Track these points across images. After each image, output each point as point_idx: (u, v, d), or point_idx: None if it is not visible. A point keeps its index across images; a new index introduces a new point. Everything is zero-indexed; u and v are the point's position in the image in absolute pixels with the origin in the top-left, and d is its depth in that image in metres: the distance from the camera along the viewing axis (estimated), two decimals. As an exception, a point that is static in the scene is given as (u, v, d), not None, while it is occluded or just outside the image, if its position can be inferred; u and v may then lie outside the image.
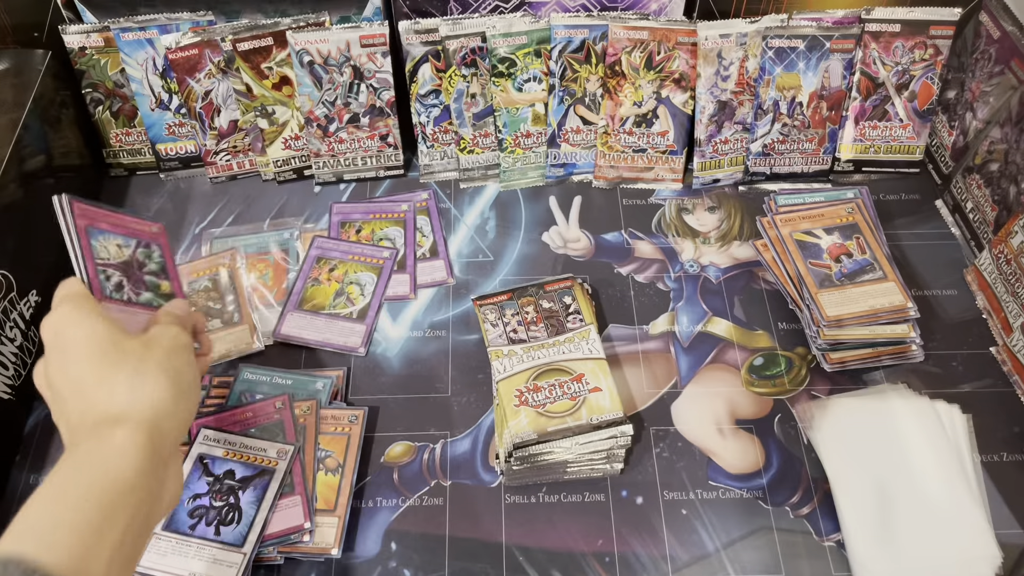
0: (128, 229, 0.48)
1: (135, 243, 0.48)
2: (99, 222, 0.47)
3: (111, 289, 0.46)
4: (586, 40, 0.69)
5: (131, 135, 0.74)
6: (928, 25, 0.70)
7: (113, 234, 0.47)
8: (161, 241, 0.51)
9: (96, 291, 0.44)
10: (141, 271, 0.48)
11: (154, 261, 0.50)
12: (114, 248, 0.47)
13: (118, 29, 0.68)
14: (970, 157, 0.71)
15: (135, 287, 0.47)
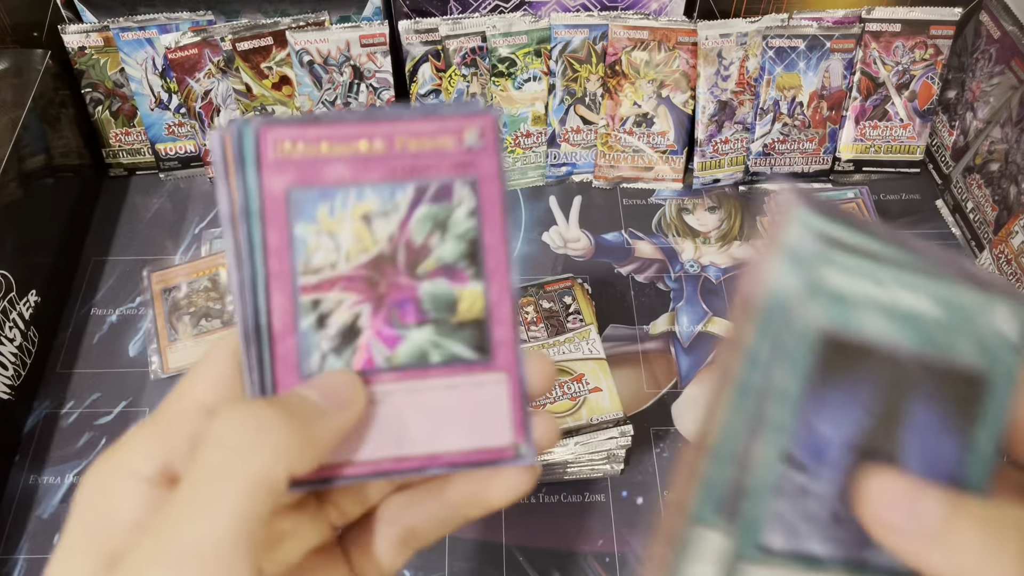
0: (404, 163, 0.23)
1: (413, 197, 0.23)
2: (326, 168, 0.22)
3: (325, 350, 0.23)
4: (586, 40, 0.69)
5: (131, 135, 0.74)
6: (928, 25, 0.70)
7: (359, 187, 0.22)
8: (484, 172, 0.23)
9: (281, 363, 0.22)
10: (408, 275, 0.23)
11: (452, 235, 0.23)
12: (350, 231, 0.23)
13: (117, 29, 0.68)
14: (970, 157, 0.71)
15: (386, 327, 0.23)
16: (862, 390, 0.19)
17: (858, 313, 0.19)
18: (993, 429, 0.20)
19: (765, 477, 0.19)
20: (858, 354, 0.19)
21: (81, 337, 0.64)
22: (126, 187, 0.75)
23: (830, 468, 0.20)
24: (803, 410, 0.19)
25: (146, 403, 0.60)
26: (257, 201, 0.22)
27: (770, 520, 0.19)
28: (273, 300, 0.22)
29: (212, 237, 0.70)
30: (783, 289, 0.19)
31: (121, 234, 0.71)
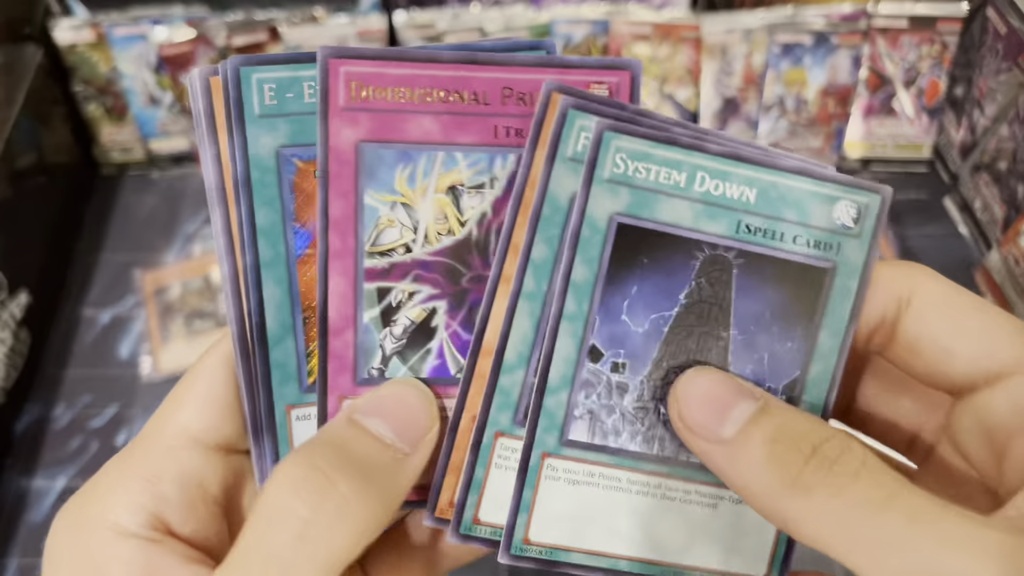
0: (511, 122, 0.19)
1: (515, 164, 0.19)
2: (411, 121, 0.18)
3: (389, 352, 0.19)
4: (587, 35, 0.68)
5: (123, 132, 0.73)
6: (935, 20, 0.69)
7: (449, 150, 0.19)
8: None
9: (336, 362, 0.19)
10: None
11: None
12: (440, 205, 0.19)
13: (110, 24, 0.67)
14: (978, 155, 0.70)
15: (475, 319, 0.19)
16: (671, 281, 0.18)
17: (655, 200, 0.18)
18: (837, 325, 0.19)
19: (565, 372, 0.19)
20: (657, 243, 0.18)
21: (72, 338, 0.63)
22: (118, 186, 0.74)
23: (643, 362, 0.19)
24: (601, 302, 0.18)
25: (138, 405, 0.59)
26: (272, 163, 0.17)
27: (574, 414, 0.19)
28: (331, 284, 0.18)
29: (205, 236, 0.69)
30: (557, 190, 0.18)
31: (113, 233, 0.70)
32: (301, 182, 0.18)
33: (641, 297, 0.19)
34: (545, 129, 0.18)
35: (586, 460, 0.19)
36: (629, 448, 0.19)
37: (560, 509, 0.19)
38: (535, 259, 0.18)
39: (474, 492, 0.19)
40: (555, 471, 0.19)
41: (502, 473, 0.19)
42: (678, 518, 0.20)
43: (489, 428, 0.19)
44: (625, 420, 0.19)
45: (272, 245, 0.18)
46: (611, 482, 0.19)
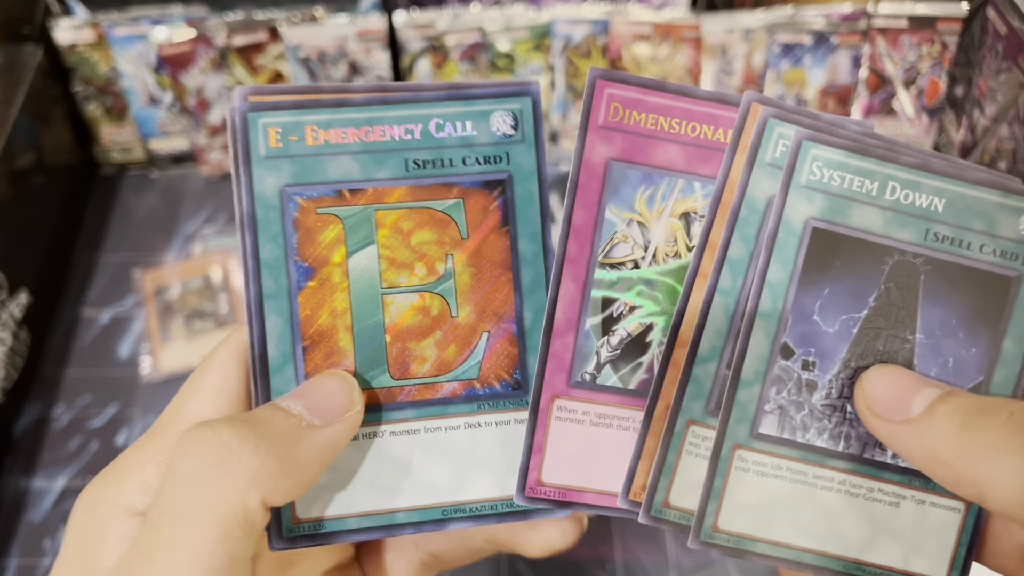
0: None
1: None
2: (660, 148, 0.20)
3: (603, 359, 0.21)
4: (588, 35, 0.68)
5: (122, 132, 0.73)
6: (935, 20, 0.69)
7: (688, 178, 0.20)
8: None
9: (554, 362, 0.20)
10: None
11: None
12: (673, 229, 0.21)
13: (109, 24, 0.67)
14: (978, 155, 0.70)
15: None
16: (862, 285, 0.19)
17: (848, 207, 0.19)
18: (1021, 333, 0.19)
19: (758, 367, 0.19)
20: (849, 247, 0.19)
21: (72, 338, 0.63)
22: (118, 185, 0.74)
23: (832, 361, 0.19)
24: (794, 301, 0.19)
25: (138, 405, 0.59)
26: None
27: (765, 408, 0.20)
28: (562, 288, 0.20)
29: (205, 236, 0.69)
30: (755, 193, 0.19)
31: (113, 233, 0.70)
32: (302, 219, 0.19)
33: (832, 298, 0.20)
34: (745, 136, 0.19)
35: (775, 454, 0.20)
36: (816, 444, 0.20)
37: (748, 499, 0.20)
38: (732, 257, 0.19)
39: (666, 476, 0.20)
40: (745, 462, 0.20)
41: (693, 460, 0.20)
42: (862, 515, 0.20)
43: (682, 416, 0.20)
44: (813, 416, 0.20)
45: (275, 278, 0.20)
46: (798, 476, 0.20)
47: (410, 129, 0.19)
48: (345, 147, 0.19)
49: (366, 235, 0.20)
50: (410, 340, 0.20)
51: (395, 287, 0.20)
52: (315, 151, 0.19)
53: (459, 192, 0.20)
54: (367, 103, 0.19)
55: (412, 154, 0.19)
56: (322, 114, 0.19)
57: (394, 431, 0.20)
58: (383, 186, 0.20)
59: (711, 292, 0.19)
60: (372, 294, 0.20)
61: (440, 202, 0.20)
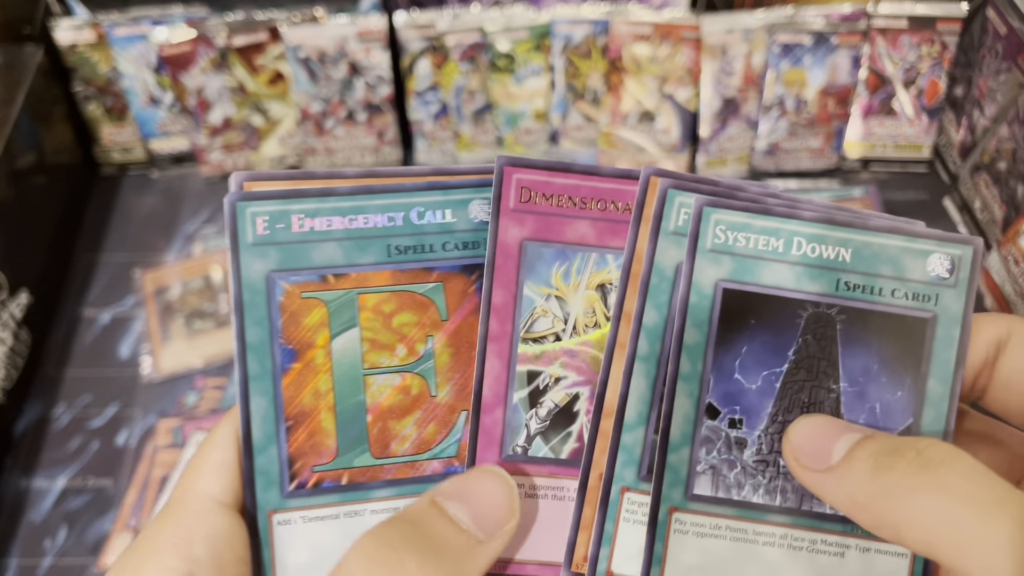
0: None
1: None
2: (570, 225, 0.21)
3: (533, 431, 0.21)
4: (588, 35, 0.68)
5: (123, 132, 0.73)
6: (935, 20, 0.69)
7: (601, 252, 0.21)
8: None
9: (489, 445, 0.21)
10: None
11: None
12: (590, 300, 0.21)
13: (110, 24, 0.67)
14: (978, 155, 0.70)
15: None
16: (779, 339, 0.20)
17: (756, 266, 0.19)
18: (944, 372, 0.20)
19: (685, 429, 0.20)
20: (763, 305, 0.20)
21: (73, 338, 0.63)
22: (118, 185, 0.74)
23: (758, 417, 0.20)
24: (713, 362, 0.20)
25: (138, 405, 0.59)
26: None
27: (697, 469, 0.20)
28: (487, 365, 0.20)
29: (205, 236, 0.69)
30: (663, 261, 0.20)
31: (113, 233, 0.70)
32: (287, 303, 0.20)
33: (751, 356, 0.20)
34: (647, 208, 0.20)
35: (712, 513, 0.20)
36: (753, 500, 0.20)
37: (691, 561, 0.20)
38: (647, 324, 0.20)
39: (606, 545, 0.20)
40: (683, 524, 0.20)
41: (631, 526, 0.20)
42: (807, 568, 0.20)
43: (616, 484, 0.20)
44: (746, 473, 0.20)
45: (260, 361, 0.20)
46: (738, 534, 0.20)
47: (392, 217, 0.20)
48: (330, 234, 0.20)
49: (349, 318, 0.20)
50: (391, 419, 0.21)
51: (377, 368, 0.21)
52: (301, 238, 0.20)
53: (439, 276, 0.21)
54: (352, 192, 0.20)
55: (394, 240, 0.20)
56: (308, 203, 0.20)
57: (375, 509, 0.21)
58: (366, 271, 0.20)
59: (631, 360, 0.20)
60: (354, 375, 0.20)
61: (420, 285, 0.21)
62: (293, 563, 0.20)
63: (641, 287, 0.20)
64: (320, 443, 0.20)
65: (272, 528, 0.20)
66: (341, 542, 0.20)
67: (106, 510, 0.54)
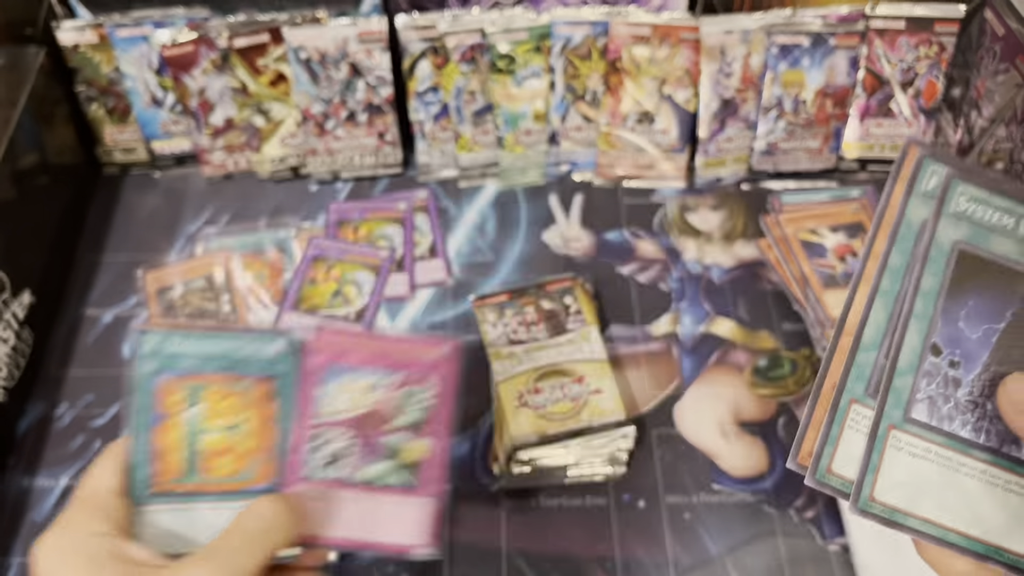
0: (397, 360, 0.34)
1: (398, 381, 0.34)
2: (349, 355, 0.34)
3: (317, 464, 0.34)
4: (587, 36, 0.69)
5: (125, 133, 0.73)
6: (933, 22, 0.70)
7: (365, 371, 0.34)
8: (444, 373, 0.35)
9: (291, 468, 0.34)
10: (383, 427, 0.34)
11: (416, 408, 0.35)
12: (355, 395, 0.34)
13: (112, 26, 0.67)
14: (975, 156, 0.70)
15: (362, 456, 0.34)
16: (1001, 301, 0.23)
17: (989, 236, 0.23)
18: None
19: (911, 360, 0.23)
20: (990, 269, 0.23)
21: (75, 338, 0.63)
22: (121, 186, 0.74)
23: (974, 363, 0.23)
24: (943, 308, 0.23)
25: (141, 405, 0.59)
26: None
27: (916, 396, 0.23)
28: (295, 430, 0.34)
29: (207, 236, 0.69)
30: (912, 216, 0.23)
31: (115, 233, 0.70)
32: (166, 387, 0.34)
33: (975, 309, 0.23)
34: (904, 169, 0.24)
35: (924, 438, 0.23)
36: (960, 434, 0.23)
37: (900, 476, 0.23)
38: (891, 265, 0.24)
39: (830, 446, 0.23)
40: (899, 442, 0.23)
41: (854, 434, 0.24)
42: (1000, 504, 0.23)
43: (846, 395, 0.24)
44: (958, 409, 0.23)
45: (141, 419, 0.35)
46: (944, 460, 0.23)
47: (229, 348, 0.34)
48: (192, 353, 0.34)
49: (196, 398, 0.34)
50: (214, 458, 0.34)
51: (211, 428, 0.34)
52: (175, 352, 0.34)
53: (250, 380, 0.34)
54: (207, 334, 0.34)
55: (227, 359, 0.34)
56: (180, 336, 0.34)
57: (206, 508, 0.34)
58: (211, 373, 0.34)
59: (874, 291, 0.24)
60: (196, 430, 0.34)
61: (239, 384, 0.34)
62: (148, 536, 0.32)
63: (891, 233, 0.24)
64: (171, 469, 0.33)
65: (139, 515, 0.33)
66: (183, 525, 0.33)
67: (108, 508, 0.54)
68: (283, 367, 0.34)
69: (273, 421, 0.34)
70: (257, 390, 0.34)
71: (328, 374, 0.34)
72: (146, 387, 0.34)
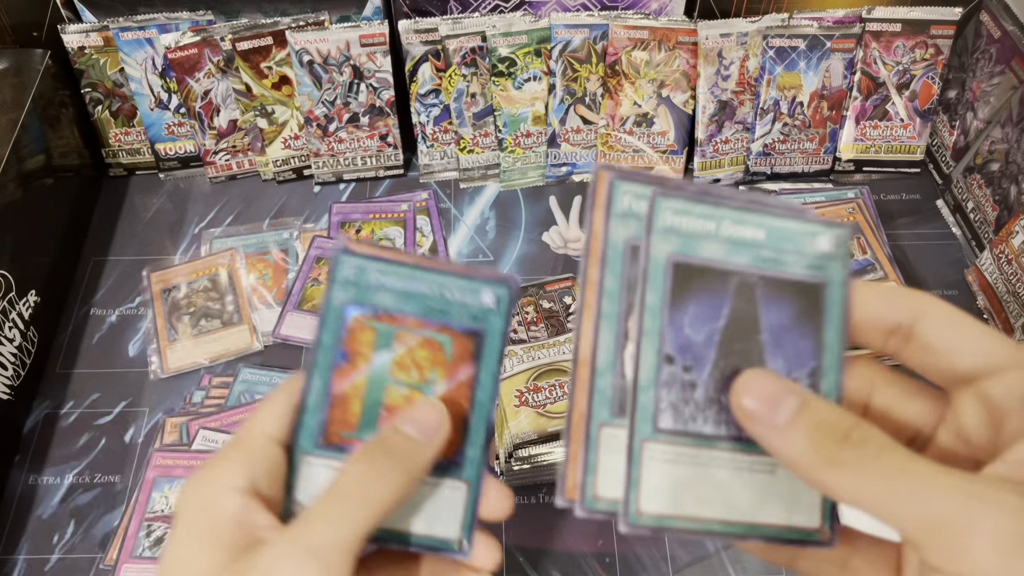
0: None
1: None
2: None
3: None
4: (586, 39, 0.69)
5: (130, 135, 0.73)
6: (929, 25, 0.70)
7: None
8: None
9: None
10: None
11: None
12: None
13: (117, 29, 0.68)
14: (971, 157, 0.71)
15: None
16: (716, 301, 0.25)
17: (697, 243, 0.25)
18: (837, 326, 0.26)
19: (651, 374, 0.25)
20: (703, 273, 0.25)
21: (81, 337, 0.64)
22: (126, 187, 0.75)
23: (704, 363, 0.25)
24: (669, 319, 0.25)
25: (145, 403, 0.60)
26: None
27: (661, 407, 0.25)
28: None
29: (211, 237, 0.70)
30: (615, 238, 0.25)
31: (121, 234, 0.71)
32: (352, 325, 0.29)
33: (697, 314, 0.25)
34: (598, 196, 0.26)
35: (675, 443, 0.25)
36: (704, 431, 0.25)
37: (661, 484, 0.25)
38: (607, 288, 0.25)
39: (591, 474, 0.25)
40: (653, 453, 0.25)
41: (611, 456, 0.25)
42: (748, 484, 0.25)
43: (594, 421, 0.25)
44: (698, 409, 0.25)
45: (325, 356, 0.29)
46: (695, 459, 0.25)
47: (432, 288, 0.29)
48: (390, 289, 0.29)
49: (388, 343, 0.29)
50: (396, 415, 0.29)
51: (397, 380, 0.29)
52: (371, 285, 0.29)
53: (451, 333, 0.29)
54: (413, 264, 0.29)
55: (430, 302, 0.29)
56: (381, 264, 0.29)
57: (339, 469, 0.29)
58: (407, 316, 0.29)
59: (597, 317, 0.25)
60: (381, 381, 0.29)
61: (439, 335, 0.29)
62: (305, 492, 0.28)
63: (600, 259, 0.25)
64: (347, 419, 0.29)
65: (301, 466, 0.28)
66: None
67: (113, 506, 0.55)
68: (494, 323, 0.29)
69: (468, 387, 0.29)
70: (459, 345, 0.29)
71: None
72: (337, 319, 0.28)
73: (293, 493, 0.28)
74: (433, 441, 0.27)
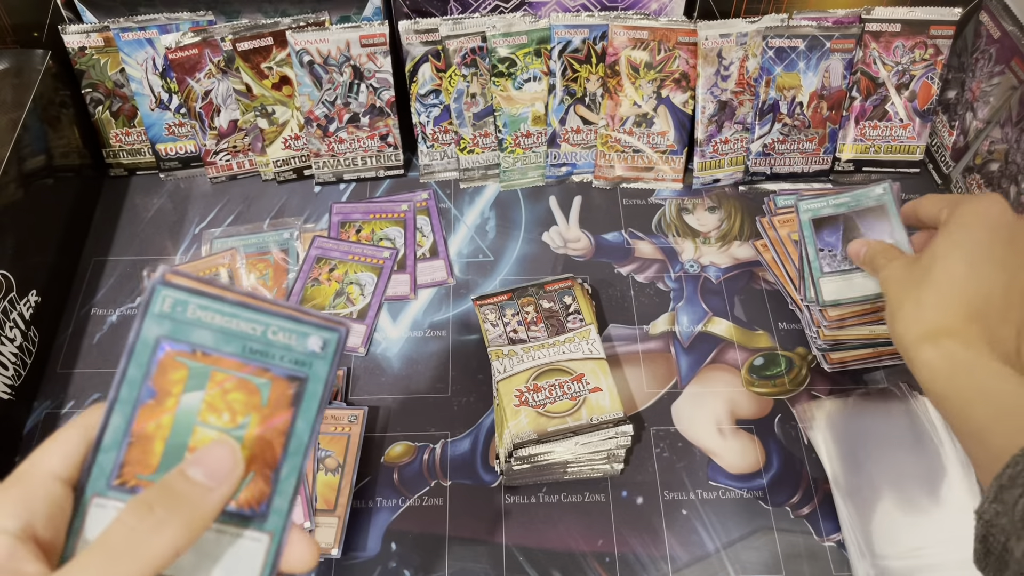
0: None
1: None
2: None
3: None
4: (586, 40, 0.69)
5: (131, 135, 0.74)
6: (928, 25, 0.70)
7: None
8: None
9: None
10: None
11: None
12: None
13: (118, 29, 0.68)
14: (970, 157, 0.71)
15: None
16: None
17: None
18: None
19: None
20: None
21: (81, 337, 0.64)
22: (126, 187, 0.75)
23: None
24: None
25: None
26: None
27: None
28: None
29: (212, 237, 0.70)
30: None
31: (121, 234, 0.71)
32: (163, 360, 0.28)
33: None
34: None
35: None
36: None
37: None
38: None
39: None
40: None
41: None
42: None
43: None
44: None
45: (129, 390, 0.28)
46: None
47: (255, 328, 0.28)
48: (208, 325, 0.28)
49: (201, 383, 0.28)
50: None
51: (205, 423, 0.28)
52: (189, 321, 0.28)
53: (270, 376, 0.28)
54: (237, 304, 0.28)
55: (249, 343, 0.28)
56: (204, 300, 0.28)
57: None
58: (223, 356, 0.28)
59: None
60: (188, 423, 0.28)
61: (256, 378, 0.28)
62: (92, 535, 0.27)
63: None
64: (147, 460, 0.28)
65: (90, 508, 0.27)
66: None
67: (115, 505, 0.55)
68: (317, 368, 0.29)
69: (282, 434, 0.28)
70: (277, 390, 0.28)
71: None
72: (147, 353, 0.28)
73: (78, 537, 0.26)
74: (222, 487, 0.26)
